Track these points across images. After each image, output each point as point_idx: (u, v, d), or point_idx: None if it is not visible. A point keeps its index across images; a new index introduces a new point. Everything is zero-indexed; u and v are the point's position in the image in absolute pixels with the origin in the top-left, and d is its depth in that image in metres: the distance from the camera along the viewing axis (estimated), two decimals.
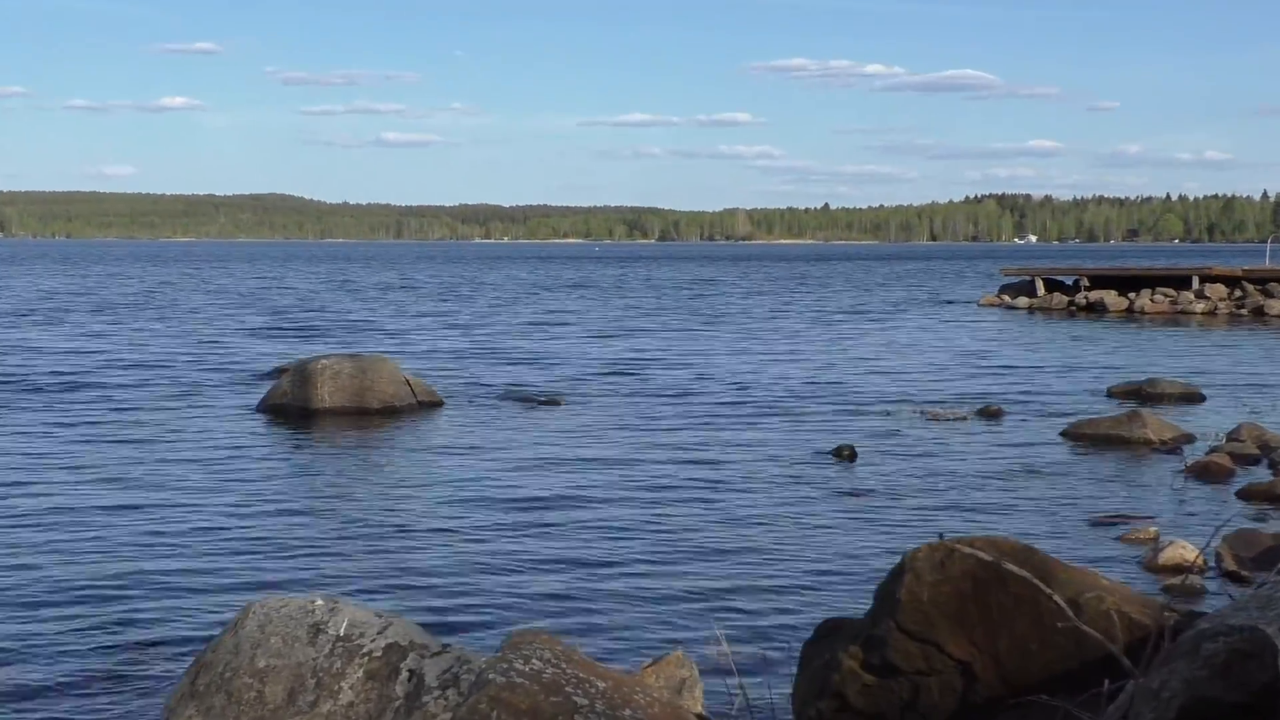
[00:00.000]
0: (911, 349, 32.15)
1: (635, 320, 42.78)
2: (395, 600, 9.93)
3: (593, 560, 11.23)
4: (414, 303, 54.02)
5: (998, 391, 23.08)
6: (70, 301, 52.94)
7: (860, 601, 9.39)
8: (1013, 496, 14.06)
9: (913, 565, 5.86)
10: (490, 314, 46.20)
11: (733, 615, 9.67)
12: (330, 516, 12.86)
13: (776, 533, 12.30)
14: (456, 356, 29.45)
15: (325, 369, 20.02)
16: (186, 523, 12.54)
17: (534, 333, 36.95)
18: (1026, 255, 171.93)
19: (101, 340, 33.32)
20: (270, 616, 6.85)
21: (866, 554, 11.48)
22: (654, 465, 15.79)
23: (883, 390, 23.30)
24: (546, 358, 29.19)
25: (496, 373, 25.91)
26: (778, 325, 40.68)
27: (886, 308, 51.28)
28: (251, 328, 38.23)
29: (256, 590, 9.99)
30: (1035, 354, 30.64)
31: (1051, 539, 11.87)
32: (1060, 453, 16.87)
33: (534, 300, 56.64)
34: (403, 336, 35.47)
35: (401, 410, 19.99)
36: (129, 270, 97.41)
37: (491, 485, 14.45)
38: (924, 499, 13.88)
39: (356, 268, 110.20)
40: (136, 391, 22.66)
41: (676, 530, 12.34)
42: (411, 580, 10.57)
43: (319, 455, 16.60)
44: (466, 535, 12.09)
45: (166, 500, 13.57)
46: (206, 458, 16.15)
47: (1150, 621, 5.74)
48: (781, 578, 10.74)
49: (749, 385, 23.96)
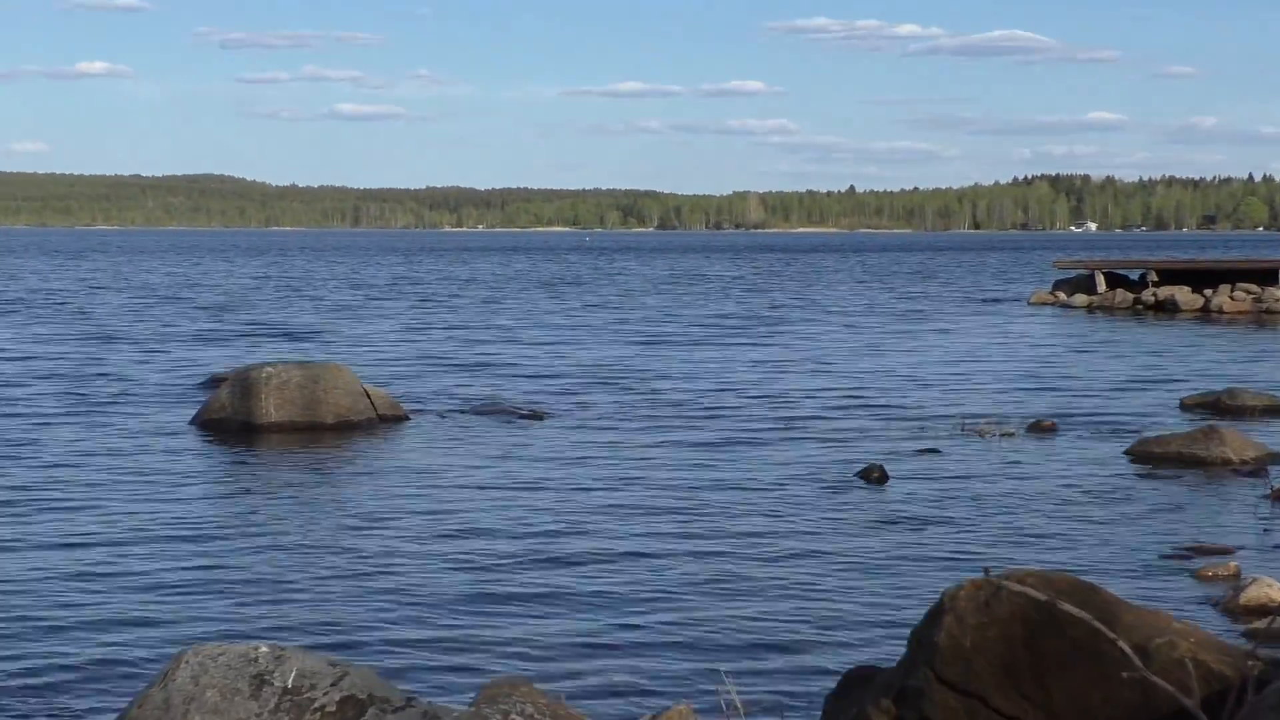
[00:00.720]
0: (951, 355, 32.18)
1: (631, 323, 42.80)
2: (351, 647, 9.91)
3: (581, 599, 11.22)
4: (373, 301, 54.04)
5: (1051, 404, 23.09)
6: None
7: (892, 647, 9.38)
8: (1069, 525, 14.05)
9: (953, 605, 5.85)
10: (463, 315, 46.21)
11: (744, 662, 9.66)
12: (276, 549, 12.85)
13: (793, 567, 12.29)
14: (423, 364, 29.46)
15: (270, 378, 20.02)
16: (109, 557, 12.53)
17: (513, 337, 36.96)
18: (1084, 245, 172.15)
19: (0, 348, 33.30)
20: (206, 666, 6.84)
21: (898, 592, 11.47)
22: (651, 489, 15.78)
23: (917, 402, 23.30)
24: (527, 365, 29.20)
25: (469, 382, 25.90)
26: (795, 328, 40.71)
27: (921, 307, 51.33)
28: (183, 331, 38.25)
29: (190, 636, 9.97)
30: (1095, 360, 30.65)
31: (1114, 575, 11.87)
32: (1125, 474, 16.86)
33: (513, 298, 56.68)
34: (360, 341, 35.49)
35: (359, 426, 19.99)
36: (34, 264, 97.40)
37: (463, 513, 14.44)
38: (965, 528, 13.88)
39: (306, 260, 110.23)
40: (47, 406, 22.65)
41: (676, 563, 12.34)
42: (370, 623, 10.56)
43: (263, 478, 16.59)
44: (434, 571, 12.08)
45: (84, 531, 13.56)
46: (131, 482, 16.13)
47: (1230, 671, 5.74)
48: (800, 619, 10.73)
49: (760, 397, 23.96)
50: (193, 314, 45.26)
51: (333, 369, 20.85)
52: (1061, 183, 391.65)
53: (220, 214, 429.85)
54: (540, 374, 27.40)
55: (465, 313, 46.93)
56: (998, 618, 5.77)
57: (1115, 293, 49.08)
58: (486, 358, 30.79)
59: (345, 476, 16.70)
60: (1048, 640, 5.75)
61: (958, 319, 44.64)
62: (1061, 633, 5.73)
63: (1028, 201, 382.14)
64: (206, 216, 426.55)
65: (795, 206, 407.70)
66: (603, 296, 58.11)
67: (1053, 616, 5.74)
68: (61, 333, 37.16)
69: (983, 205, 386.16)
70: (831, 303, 53.82)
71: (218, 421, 19.95)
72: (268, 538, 13.34)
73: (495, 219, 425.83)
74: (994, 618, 5.77)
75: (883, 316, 45.76)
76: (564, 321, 42.66)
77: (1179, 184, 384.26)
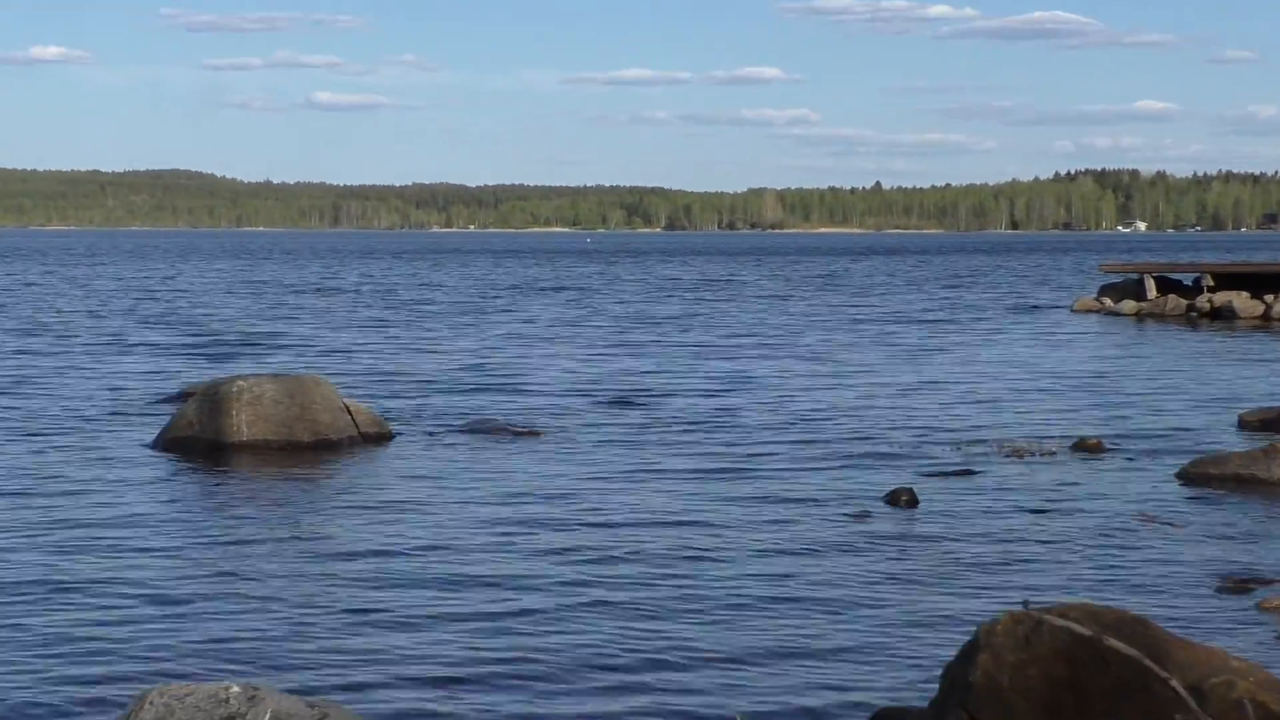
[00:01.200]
0: (987, 368, 32.18)
1: (636, 333, 42.83)
2: (331, 688, 9.93)
3: (580, 636, 11.23)
4: (355, 309, 54.09)
5: (1097, 421, 23.10)
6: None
7: (922, 687, 9.37)
8: (1116, 554, 14.05)
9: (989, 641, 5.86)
10: (453, 324, 46.24)
11: (758, 704, 9.66)
12: (250, 581, 12.86)
13: (812, 599, 12.30)
14: (409, 377, 29.48)
15: (243, 392, 20.04)
16: (66, 591, 12.54)
17: (508, 348, 36.99)
18: (1133, 247, 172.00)
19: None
20: (172, 707, 6.85)
21: (929, 626, 11.48)
22: (660, 513, 15.79)
23: (950, 420, 23.31)
24: (523, 379, 29.22)
25: (460, 397, 25.93)
26: (816, 337, 40.72)
27: (953, 315, 51.34)
28: (144, 343, 38.27)
29: (154, 674, 9.98)
30: (1144, 373, 30.65)
31: (1166, 607, 11.87)
32: (1177, 498, 16.87)
33: (508, 306, 56.72)
34: (341, 352, 35.51)
35: (340, 445, 20.00)
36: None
37: (455, 543, 14.45)
38: (1002, 556, 13.88)
39: (281, 265, 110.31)
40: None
41: (686, 592, 12.34)
42: (353, 662, 10.57)
43: (235, 503, 16.60)
44: (422, 606, 12.09)
45: (37, 563, 13.57)
46: (89, 507, 16.15)
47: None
48: (821, 655, 10.73)
49: (778, 413, 23.97)
50: (153, 323, 45.28)
51: (311, 382, 20.84)
52: (1107, 178, 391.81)
53: (187, 213, 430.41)
54: (537, 389, 27.42)
55: (455, 321, 46.95)
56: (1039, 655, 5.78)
57: (1167, 299, 49.08)
58: (479, 371, 30.80)
59: (325, 502, 16.71)
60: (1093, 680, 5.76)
61: (994, 328, 44.65)
62: (1108, 671, 5.75)
63: (1070, 199, 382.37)
64: (172, 216, 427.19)
65: (816, 205, 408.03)
66: (605, 303, 58.13)
67: (1099, 654, 5.76)
68: (5, 344, 37.15)
69: (1021, 203, 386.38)
70: (854, 310, 53.82)
71: (183, 441, 19.96)
72: (240, 569, 13.35)
73: (488, 219, 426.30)
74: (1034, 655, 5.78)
75: (911, 325, 45.75)
76: (564, 332, 42.68)
77: (1237, 179, 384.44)
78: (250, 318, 48.35)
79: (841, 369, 31.53)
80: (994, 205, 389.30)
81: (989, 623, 6.03)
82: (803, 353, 35.38)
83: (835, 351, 35.84)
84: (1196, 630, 10.75)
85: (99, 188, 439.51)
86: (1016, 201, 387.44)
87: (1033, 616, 5.93)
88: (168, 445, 20.05)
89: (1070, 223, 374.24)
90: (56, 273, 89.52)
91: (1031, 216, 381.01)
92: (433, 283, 78.20)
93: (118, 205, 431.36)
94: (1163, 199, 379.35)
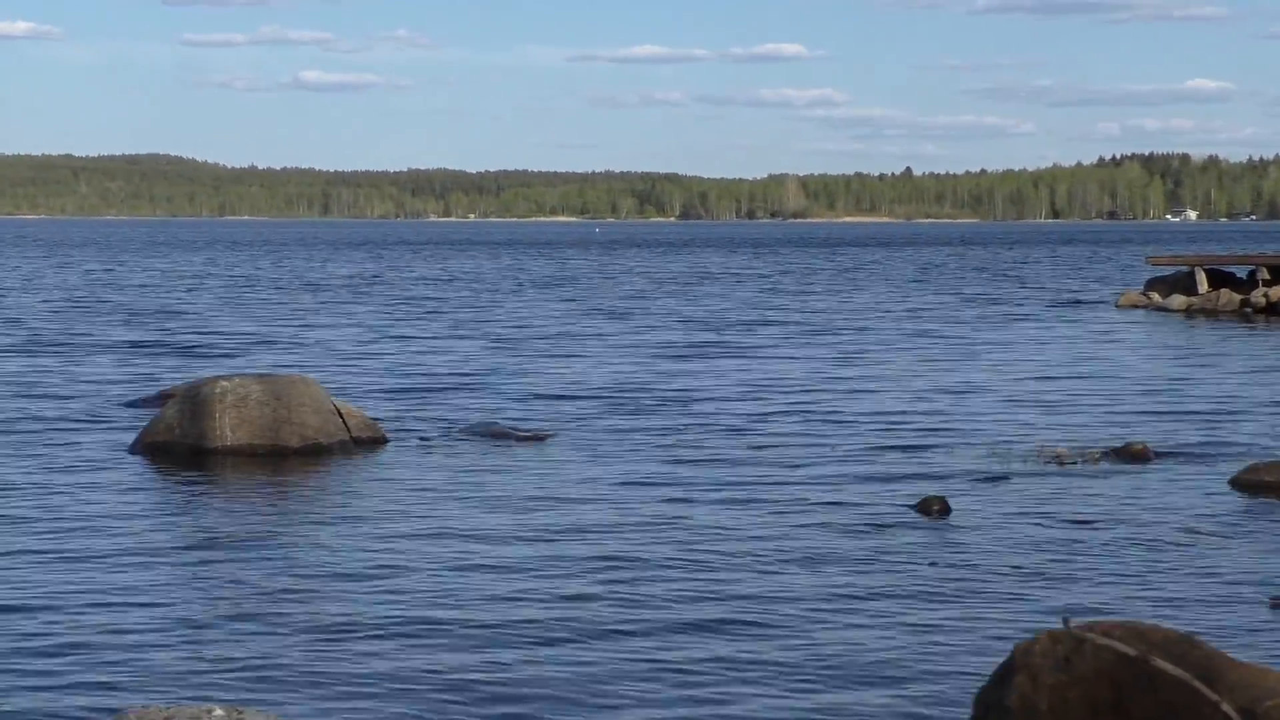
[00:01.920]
0: (1025, 368, 32.17)
1: (651, 330, 42.86)
2: (314, 711, 9.95)
3: (587, 653, 11.25)
4: (345, 304, 54.12)
5: (1143, 425, 23.08)
6: None
7: (953, 712, 9.38)
8: (1163, 567, 14.05)
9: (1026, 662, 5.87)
10: (452, 320, 46.27)
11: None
12: (234, 598, 12.89)
13: (836, 614, 12.31)
14: (405, 378, 29.50)
15: (226, 394, 20.06)
16: (38, 604, 12.57)
17: (510, 347, 37.01)
18: (1183, 237, 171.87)
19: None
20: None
21: (961, 645, 11.48)
22: (676, 523, 15.79)
23: (986, 424, 23.31)
24: (527, 380, 29.23)
25: (459, 399, 25.94)
26: (839, 336, 40.73)
27: (989, 311, 51.33)
28: (118, 342, 38.32)
29: (132, 692, 10.01)
30: (1194, 374, 30.63)
31: (1217, 625, 11.86)
32: (1230, 507, 16.86)
33: (510, 302, 56.75)
34: (330, 351, 35.54)
35: (330, 450, 20.02)
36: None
37: (453, 557, 14.47)
38: (1040, 570, 13.88)
39: (267, 257, 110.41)
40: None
41: (703, 606, 12.35)
42: (338, 683, 10.59)
43: (217, 512, 16.63)
44: (415, 623, 12.11)
45: (10, 577, 13.60)
46: (62, 516, 16.18)
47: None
48: (846, 674, 10.75)
49: (804, 416, 23.97)
50: (129, 320, 45.33)
51: (299, 383, 20.85)
52: (1156, 163, 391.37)
53: (166, 200, 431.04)
54: (543, 391, 27.42)
55: (455, 318, 46.98)
56: (1080, 676, 5.79)
57: (1219, 293, 49.02)
58: (479, 371, 30.81)
59: (311, 513, 16.73)
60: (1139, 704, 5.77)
61: (1033, 325, 44.63)
62: (1155, 694, 5.76)
63: (1116, 185, 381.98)
64: (150, 204, 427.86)
65: (841, 192, 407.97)
66: (615, 300, 58.15)
67: (1145, 675, 5.77)
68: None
69: (1062, 190, 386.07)
70: (883, 306, 53.81)
71: (164, 446, 19.99)
72: (224, 584, 13.38)
73: (489, 207, 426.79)
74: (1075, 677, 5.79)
75: (944, 322, 45.73)
76: (572, 329, 42.70)
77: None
78: (232, 313, 48.38)
79: (870, 369, 31.52)
80: (1033, 193, 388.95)
81: (1025, 642, 6.03)
82: (829, 353, 35.37)
83: (859, 349, 35.83)
84: (1250, 649, 10.75)
85: (71, 173, 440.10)
86: (1057, 188, 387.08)
87: (1073, 635, 5.94)
88: (145, 450, 20.07)
89: (1115, 211, 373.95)
90: (21, 268, 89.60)
91: (1074, 204, 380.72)
92: (430, 275, 78.22)
93: (91, 192, 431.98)
94: (1215, 185, 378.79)
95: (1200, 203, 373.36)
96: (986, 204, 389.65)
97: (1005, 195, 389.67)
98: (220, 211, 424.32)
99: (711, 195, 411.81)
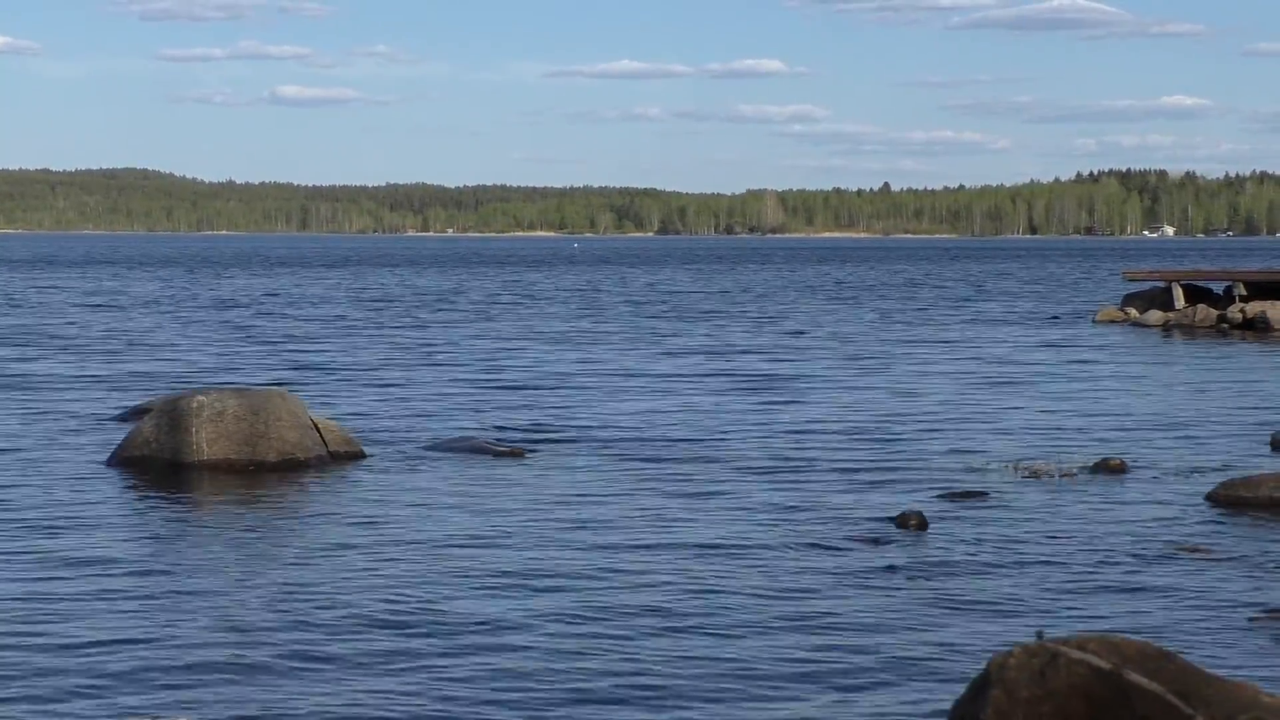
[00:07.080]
0: (1002, 382, 32.21)
1: (628, 345, 42.87)
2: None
3: (563, 678, 11.23)
4: (324, 317, 54.08)
5: (1120, 439, 23.13)
6: None
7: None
8: (1139, 581, 14.07)
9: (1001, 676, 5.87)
10: (430, 335, 46.26)
11: None
12: (211, 617, 12.86)
13: (810, 628, 12.31)
14: (382, 392, 29.48)
15: (204, 408, 20.03)
16: (9, 627, 12.53)
17: (488, 361, 37.02)
18: (1160, 253, 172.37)
19: None
20: None
21: (936, 659, 11.48)
22: (651, 539, 15.79)
23: (964, 438, 23.33)
24: (505, 395, 29.23)
25: (437, 414, 25.92)
26: (819, 351, 40.75)
27: (967, 326, 51.40)
28: (91, 354, 38.23)
29: (102, 709, 9.97)
30: (1171, 389, 30.69)
31: (1193, 639, 11.88)
32: (1206, 522, 16.89)
33: (487, 316, 56.74)
34: (308, 366, 35.50)
35: (307, 465, 20.00)
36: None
37: (429, 570, 14.46)
38: (1016, 584, 13.89)
39: (241, 273, 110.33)
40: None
41: (679, 621, 12.35)
42: (309, 696, 10.57)
43: (190, 528, 16.60)
44: (397, 646, 12.09)
45: None
46: (36, 532, 16.13)
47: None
48: (821, 689, 10.74)
49: (781, 432, 23.98)
50: (102, 335, 45.24)
51: (277, 397, 20.84)
52: (1133, 179, 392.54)
53: (144, 216, 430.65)
54: (520, 405, 27.42)
55: (433, 333, 46.97)
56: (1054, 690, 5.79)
57: (1196, 308, 49.14)
58: (457, 386, 30.81)
59: (291, 528, 16.70)
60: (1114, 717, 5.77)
61: (1010, 340, 44.69)
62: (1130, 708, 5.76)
63: (1093, 201, 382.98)
64: (128, 219, 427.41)
65: (819, 207, 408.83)
66: (591, 316, 58.17)
67: (1120, 689, 5.77)
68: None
69: (1040, 206, 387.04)
70: (860, 320, 53.86)
71: (140, 460, 19.95)
72: (200, 603, 13.34)
73: (468, 222, 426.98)
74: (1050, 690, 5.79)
75: (922, 337, 45.78)
76: (549, 346, 42.71)
77: (1272, 180, 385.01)
78: (207, 327, 48.32)
79: (846, 384, 31.54)
80: (1010, 208, 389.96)
81: (1000, 656, 6.04)
82: (805, 368, 35.38)
83: (838, 365, 35.85)
84: (1225, 664, 10.77)
85: (48, 188, 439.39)
86: (1035, 204, 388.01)
87: (1048, 649, 5.95)
88: (121, 464, 20.03)
89: (1093, 227, 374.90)
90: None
91: (1051, 220, 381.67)
92: (409, 290, 78.20)
93: (69, 207, 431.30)
94: (1192, 201, 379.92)
95: (1177, 219, 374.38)
96: (964, 219, 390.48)
97: (983, 211, 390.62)
98: (197, 226, 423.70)
99: (690, 210, 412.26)
